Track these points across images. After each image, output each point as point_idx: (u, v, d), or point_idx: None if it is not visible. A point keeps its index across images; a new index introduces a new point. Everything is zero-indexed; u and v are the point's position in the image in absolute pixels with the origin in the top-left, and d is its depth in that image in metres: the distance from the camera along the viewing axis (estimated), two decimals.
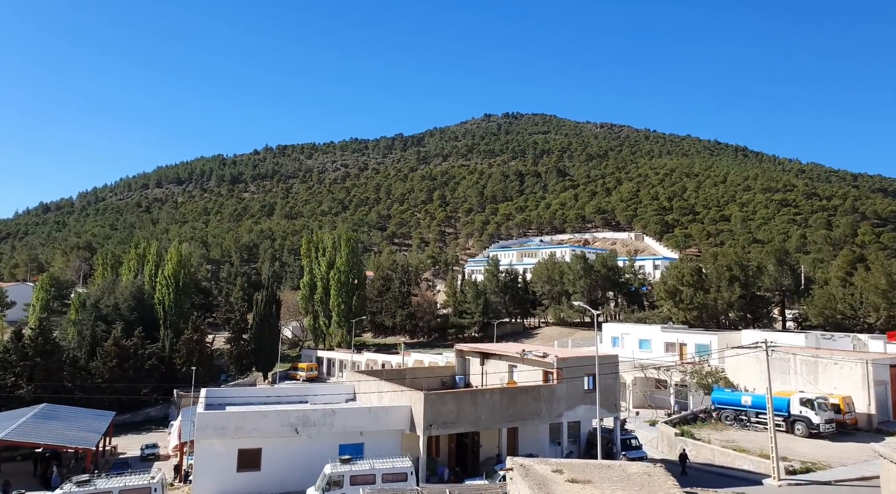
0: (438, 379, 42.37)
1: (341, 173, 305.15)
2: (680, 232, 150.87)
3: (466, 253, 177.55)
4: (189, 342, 70.36)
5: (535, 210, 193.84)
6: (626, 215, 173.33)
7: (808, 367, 41.41)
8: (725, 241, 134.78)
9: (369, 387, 36.73)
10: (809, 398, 37.29)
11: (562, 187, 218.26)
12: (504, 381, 39.50)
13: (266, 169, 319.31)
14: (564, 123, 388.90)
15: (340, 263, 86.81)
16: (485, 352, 42.28)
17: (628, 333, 60.08)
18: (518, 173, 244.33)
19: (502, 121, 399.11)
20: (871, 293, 57.66)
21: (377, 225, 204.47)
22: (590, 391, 36.01)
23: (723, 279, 66.52)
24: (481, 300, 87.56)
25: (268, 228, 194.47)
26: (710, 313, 66.89)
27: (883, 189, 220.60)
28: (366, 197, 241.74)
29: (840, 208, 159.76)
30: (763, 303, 70.66)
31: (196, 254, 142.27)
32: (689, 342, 53.75)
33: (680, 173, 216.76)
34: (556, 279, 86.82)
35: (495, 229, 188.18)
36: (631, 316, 77.23)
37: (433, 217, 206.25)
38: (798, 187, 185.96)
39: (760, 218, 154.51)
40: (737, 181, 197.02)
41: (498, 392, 33.69)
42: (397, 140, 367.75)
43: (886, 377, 39.27)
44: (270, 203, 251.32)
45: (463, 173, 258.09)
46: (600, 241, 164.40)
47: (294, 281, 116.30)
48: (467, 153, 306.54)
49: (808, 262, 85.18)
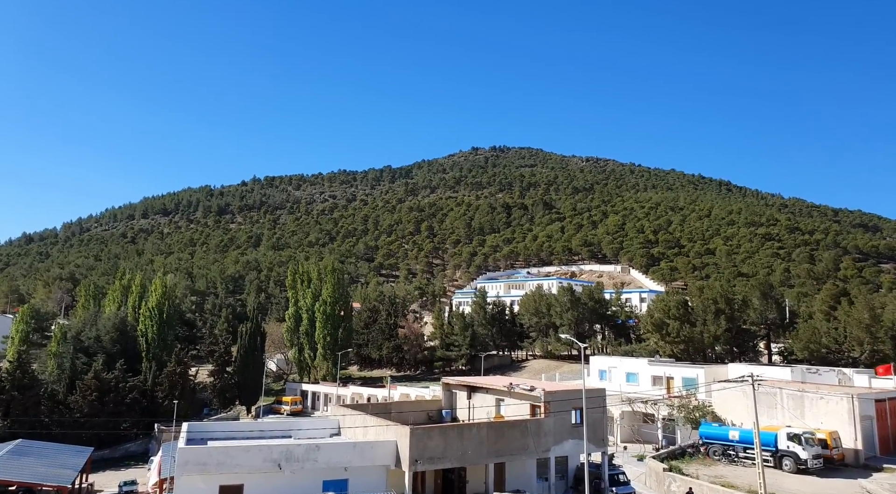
0: (425, 413, 41.89)
1: (329, 204, 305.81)
2: (666, 265, 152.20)
3: (454, 285, 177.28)
4: (172, 374, 69.07)
5: (522, 242, 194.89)
6: (613, 247, 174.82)
7: (795, 401, 41.49)
8: (711, 274, 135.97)
9: (354, 421, 36.19)
10: (797, 433, 37.24)
11: (548, 220, 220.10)
12: (491, 415, 39.12)
13: (253, 200, 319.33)
14: (550, 156, 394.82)
15: (326, 294, 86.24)
16: (472, 386, 41.96)
17: (616, 366, 59.88)
18: (505, 206, 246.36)
19: (489, 154, 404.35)
20: (854, 328, 58.27)
21: (364, 256, 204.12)
22: (577, 425, 35.79)
23: (709, 313, 66.92)
24: (469, 333, 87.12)
25: (254, 259, 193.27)
26: (696, 346, 67.05)
27: (863, 224, 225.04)
28: (353, 228, 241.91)
29: (822, 242, 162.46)
30: (749, 337, 71.04)
31: (181, 285, 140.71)
32: (677, 376, 53.65)
33: (665, 207, 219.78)
34: (544, 312, 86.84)
35: (483, 261, 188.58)
36: (618, 349, 77.19)
37: (421, 249, 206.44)
38: (781, 221, 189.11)
39: (745, 252, 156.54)
40: (721, 215, 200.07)
41: (485, 427, 33.34)
42: (386, 172, 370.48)
43: (872, 412, 39.39)
44: (257, 234, 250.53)
45: (451, 205, 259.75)
46: (587, 273, 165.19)
47: (280, 313, 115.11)
48: (455, 185, 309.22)
49: (792, 296, 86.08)
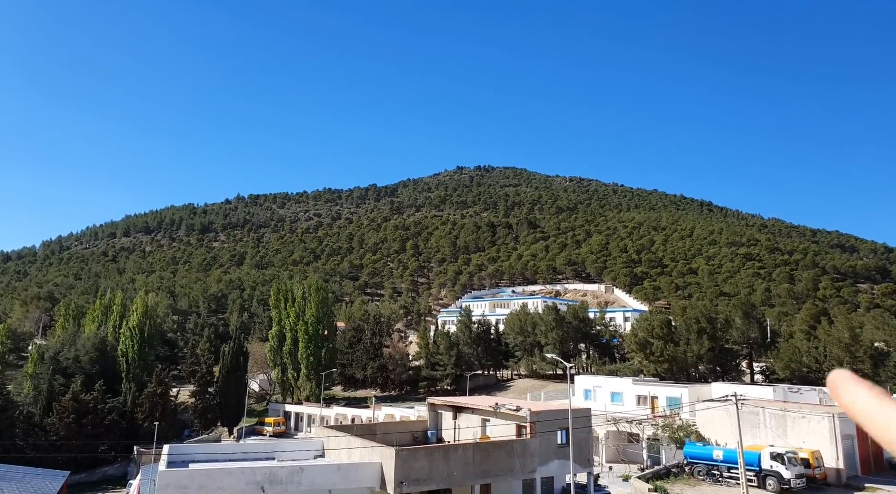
0: (410, 434, 41.56)
1: (314, 223, 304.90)
2: (649, 284, 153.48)
3: (439, 303, 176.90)
4: (152, 395, 67.78)
5: (506, 261, 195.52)
6: (596, 266, 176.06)
7: (777, 421, 41.85)
8: (693, 293, 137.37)
9: (338, 443, 35.80)
10: (780, 452, 37.51)
11: (533, 239, 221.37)
12: (477, 436, 38.93)
13: (237, 218, 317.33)
14: (535, 176, 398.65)
15: (310, 313, 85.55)
16: (457, 406, 41.78)
17: (600, 385, 59.99)
18: (490, 224, 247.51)
19: (474, 173, 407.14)
20: (834, 347, 59.16)
21: (349, 275, 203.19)
22: (563, 445, 35.75)
23: (692, 332, 67.57)
24: (454, 352, 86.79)
25: (237, 277, 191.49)
26: (680, 365, 67.54)
27: (840, 245, 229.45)
28: (338, 246, 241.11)
29: (801, 262, 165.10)
30: (731, 356, 71.71)
31: (163, 304, 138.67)
32: (661, 395, 53.89)
33: (648, 227, 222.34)
34: (529, 331, 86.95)
35: (468, 280, 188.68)
36: (603, 368, 77.43)
37: (406, 267, 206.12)
38: (761, 241, 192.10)
39: (726, 271, 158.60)
40: (703, 235, 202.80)
41: (471, 448, 33.16)
42: (371, 190, 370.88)
43: (853, 431, 39.81)
44: (241, 253, 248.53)
45: (436, 224, 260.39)
46: (571, 292, 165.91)
47: (263, 332, 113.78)
48: (440, 204, 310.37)
49: (773, 315, 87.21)
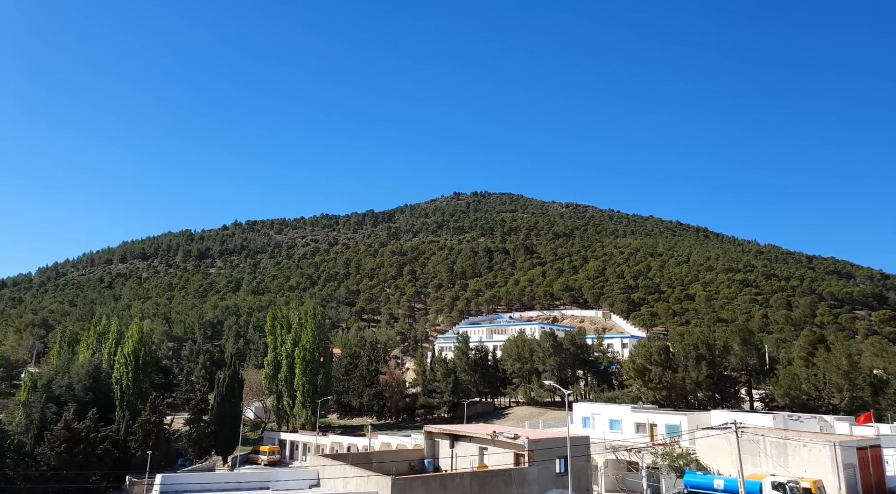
0: (406, 463, 41.08)
1: (311, 249, 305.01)
2: (646, 310, 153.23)
3: (436, 329, 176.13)
4: (146, 423, 66.84)
5: (504, 287, 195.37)
6: (593, 292, 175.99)
7: (778, 449, 41.39)
8: (691, 320, 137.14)
9: (334, 472, 35.31)
10: (781, 481, 37.04)
11: (529, 264, 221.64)
12: (474, 464, 38.49)
13: (234, 244, 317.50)
14: (531, 202, 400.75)
15: (306, 340, 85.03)
16: (455, 434, 41.39)
17: (599, 413, 59.42)
18: (487, 250, 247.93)
19: (471, 199, 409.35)
20: (833, 374, 58.90)
21: (346, 301, 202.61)
22: (562, 474, 35.34)
23: (690, 359, 67.25)
24: (451, 379, 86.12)
25: (233, 304, 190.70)
26: (678, 392, 67.03)
27: (837, 271, 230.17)
28: (335, 272, 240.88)
29: (798, 288, 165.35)
30: (730, 383, 71.26)
31: (158, 331, 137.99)
32: (660, 423, 53.34)
33: (644, 253, 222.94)
34: (526, 357, 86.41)
35: (465, 305, 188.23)
36: (601, 396, 76.78)
37: (403, 292, 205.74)
38: (758, 267, 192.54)
39: (724, 297, 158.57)
40: (699, 261, 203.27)
41: (468, 477, 32.76)
42: (368, 216, 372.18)
43: (854, 460, 39.35)
44: (237, 279, 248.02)
45: (433, 249, 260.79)
46: (568, 318, 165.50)
47: (258, 359, 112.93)
48: (437, 230, 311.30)
49: (771, 342, 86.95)
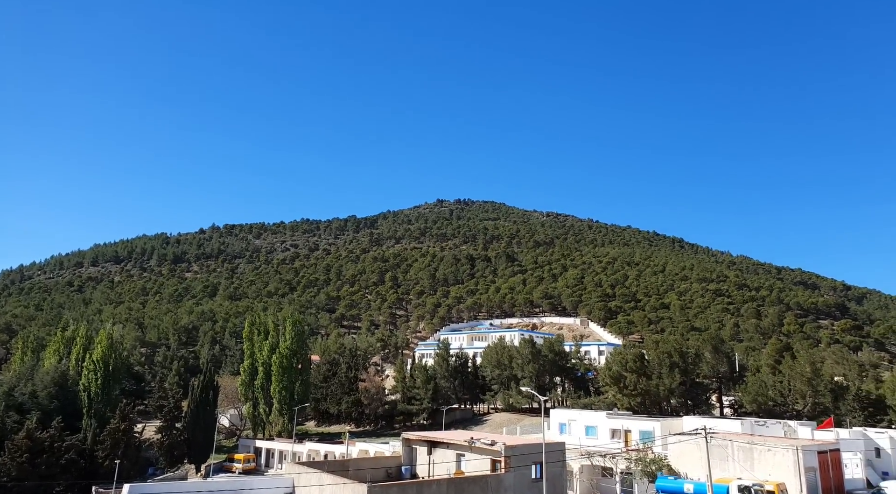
0: (384, 470, 41.28)
1: (290, 254, 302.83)
2: (623, 319, 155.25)
3: (417, 336, 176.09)
4: (115, 432, 65.51)
5: (485, 294, 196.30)
6: (572, 300, 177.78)
7: (745, 453, 42.55)
8: (666, 328, 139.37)
9: (310, 480, 35.40)
10: (747, 485, 38.17)
11: (511, 272, 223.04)
12: (451, 471, 38.86)
13: (211, 249, 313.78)
14: (513, 210, 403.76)
15: (284, 346, 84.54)
16: (432, 441, 41.73)
17: (575, 419, 60.23)
18: (469, 257, 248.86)
19: (454, 206, 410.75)
20: (797, 381, 60.64)
21: (326, 307, 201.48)
22: (537, 480, 35.92)
23: (664, 366, 68.52)
24: (431, 386, 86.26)
25: (209, 309, 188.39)
26: (652, 399, 68.20)
27: (803, 282, 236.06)
28: (315, 278, 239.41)
29: (767, 298, 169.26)
30: (702, 390, 72.73)
31: (130, 336, 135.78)
32: (634, 429, 54.33)
33: (622, 262, 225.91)
34: (506, 364, 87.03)
35: (446, 312, 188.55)
36: (577, 402, 77.72)
37: (384, 299, 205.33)
38: (730, 278, 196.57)
39: (697, 307, 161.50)
40: (675, 271, 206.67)
41: (445, 483, 33.16)
42: (350, 222, 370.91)
43: (815, 463, 40.74)
44: (214, 284, 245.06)
45: (415, 256, 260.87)
46: (547, 325, 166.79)
47: (235, 366, 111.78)
48: (420, 236, 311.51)
49: (741, 350, 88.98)
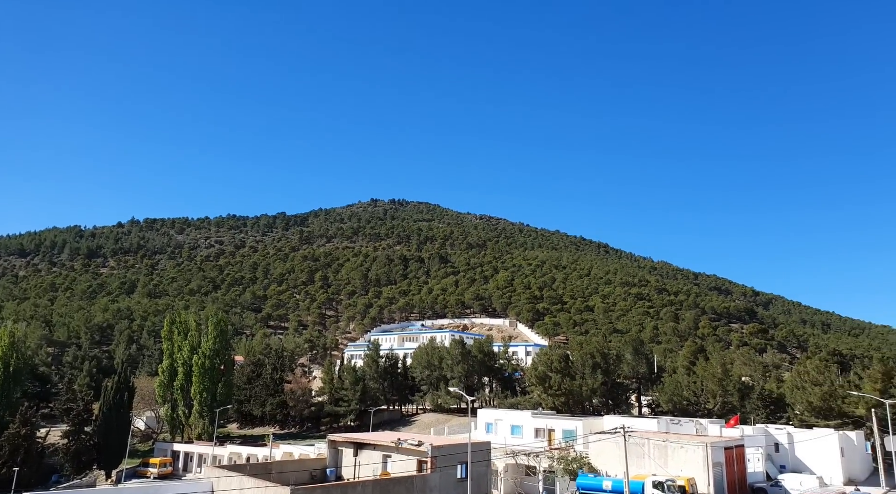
0: (308, 473, 40.54)
1: (215, 250, 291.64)
2: (549, 320, 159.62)
3: (347, 337, 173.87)
4: (14, 437, 60.86)
5: (417, 295, 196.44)
6: (502, 302, 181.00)
7: (660, 451, 44.72)
8: (590, 330, 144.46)
9: (230, 483, 34.26)
10: (661, 480, 40.12)
11: (443, 273, 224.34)
12: (377, 472, 38.64)
13: (130, 243, 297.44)
14: (447, 212, 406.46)
15: (206, 346, 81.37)
16: (359, 442, 41.35)
17: (501, 419, 61.31)
18: (402, 258, 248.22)
19: (388, 206, 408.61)
20: (709, 381, 64.39)
21: (252, 306, 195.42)
22: (463, 479, 36.31)
23: (587, 367, 70.97)
24: (359, 387, 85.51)
25: (126, 307, 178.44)
26: (576, 399, 70.42)
27: (717, 288, 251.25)
28: (241, 276, 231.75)
29: (685, 303, 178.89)
30: (622, 390, 75.87)
31: (36, 335, 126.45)
32: (557, 428, 55.90)
33: (550, 265, 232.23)
34: (436, 364, 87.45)
35: (378, 313, 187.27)
36: (504, 402, 79.15)
37: (314, 299, 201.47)
38: (651, 282, 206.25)
39: (620, 309, 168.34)
40: (599, 275, 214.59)
41: (370, 485, 32.93)
42: (279, 219, 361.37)
43: (722, 459, 43.40)
44: (132, 280, 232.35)
45: (347, 256, 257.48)
46: (478, 326, 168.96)
47: (153, 366, 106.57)
48: (353, 236, 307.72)
49: (659, 351, 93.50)
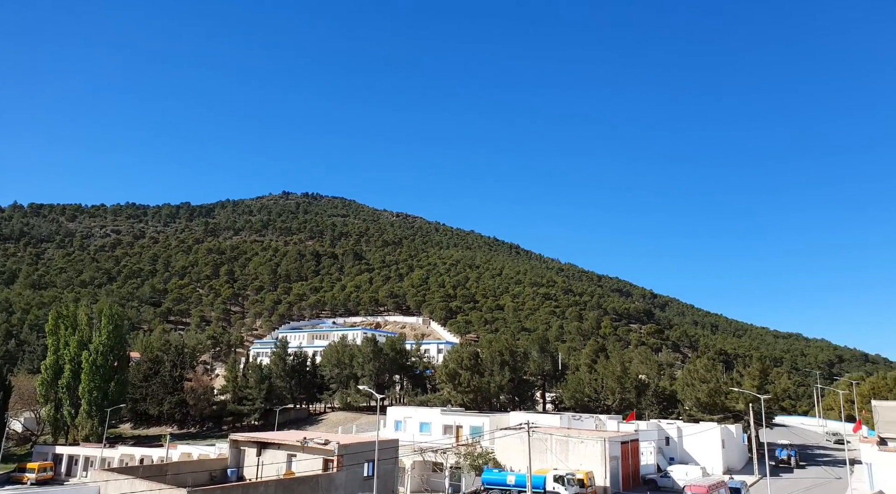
0: (207, 473, 38.88)
1: (111, 240, 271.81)
2: (462, 318, 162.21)
3: (253, 334, 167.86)
4: None
5: (329, 292, 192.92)
6: (416, 300, 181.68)
7: (562, 446, 46.73)
8: (500, 328, 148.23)
9: (120, 487, 32.23)
10: (561, 474, 41.91)
11: (357, 271, 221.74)
12: (281, 472, 37.70)
13: (11, 229, 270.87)
14: (363, 208, 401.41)
15: (98, 341, 75.83)
16: (263, 442, 40.17)
17: (410, 416, 61.64)
18: (315, 254, 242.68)
19: (301, 200, 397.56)
20: (609, 379, 68.03)
21: (150, 300, 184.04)
22: (369, 477, 36.19)
23: (496, 364, 72.83)
24: (265, 385, 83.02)
25: (5, 298, 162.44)
26: (484, 395, 72.09)
27: (619, 290, 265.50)
28: (139, 268, 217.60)
29: (589, 303, 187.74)
30: (528, 386, 78.53)
31: None
32: (465, 425, 56.99)
33: (464, 265, 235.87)
34: (346, 362, 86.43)
35: (287, 310, 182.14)
36: (415, 399, 79.62)
37: (218, 294, 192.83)
38: (558, 283, 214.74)
39: (528, 309, 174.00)
40: (511, 275, 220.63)
41: (273, 485, 32.10)
42: (183, 209, 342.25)
43: (619, 452, 46.06)
44: (13, 269, 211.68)
45: (256, 250, 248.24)
46: (391, 324, 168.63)
47: (34, 363, 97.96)
48: (262, 229, 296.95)
49: (564, 350, 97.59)
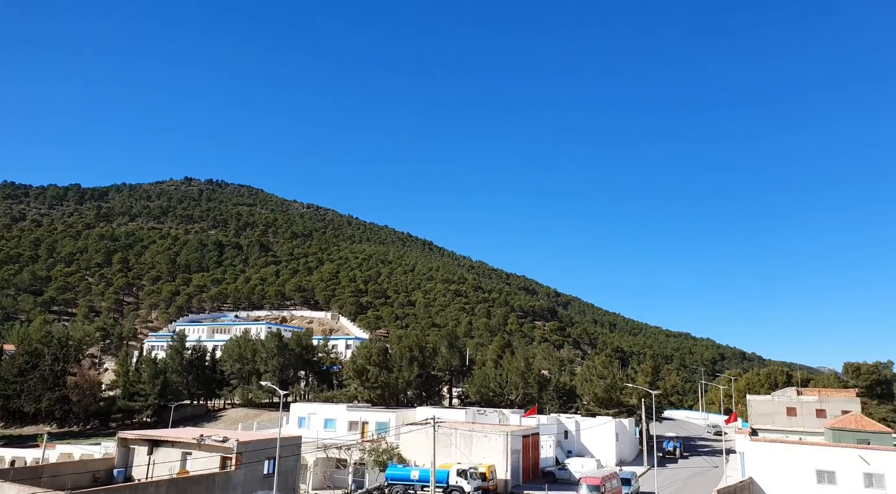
0: (90, 475, 36.32)
1: None
2: (372, 314, 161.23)
3: (148, 327, 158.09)
4: None
5: (233, 284, 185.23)
6: (325, 294, 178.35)
7: (466, 440, 47.72)
8: (410, 324, 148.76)
9: None
10: (464, 468, 42.84)
11: (263, 262, 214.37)
12: (175, 471, 35.90)
13: None
14: (271, 198, 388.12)
15: None
16: (155, 439, 38.04)
17: (315, 413, 60.61)
18: (218, 243, 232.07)
19: (205, 186, 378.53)
20: (513, 374, 70.30)
21: (30, 288, 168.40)
22: (269, 475, 35.30)
23: (404, 360, 73.18)
24: (160, 380, 78.61)
25: None
26: (392, 391, 72.26)
27: (526, 288, 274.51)
28: (18, 253, 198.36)
29: (497, 300, 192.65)
30: (436, 382, 79.60)
31: None
32: (371, 421, 56.85)
33: (376, 260, 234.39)
34: (248, 358, 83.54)
35: (186, 302, 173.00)
36: (320, 395, 78.33)
37: (110, 283, 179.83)
38: (469, 280, 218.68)
39: (439, 305, 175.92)
40: (423, 271, 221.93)
41: (165, 484, 30.54)
42: (72, 191, 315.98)
43: (520, 446, 47.72)
44: None
45: (153, 237, 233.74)
46: (298, 319, 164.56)
47: None
48: (161, 216, 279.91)
49: (472, 345, 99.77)
